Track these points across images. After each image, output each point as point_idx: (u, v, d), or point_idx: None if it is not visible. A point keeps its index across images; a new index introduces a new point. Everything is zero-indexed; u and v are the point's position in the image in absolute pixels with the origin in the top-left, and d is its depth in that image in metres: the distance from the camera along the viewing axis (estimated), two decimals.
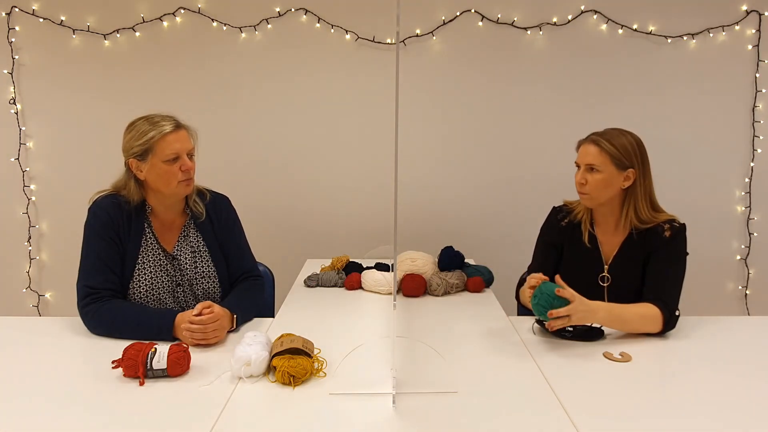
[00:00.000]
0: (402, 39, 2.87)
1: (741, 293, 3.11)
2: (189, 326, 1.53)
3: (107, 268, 1.68)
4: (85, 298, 1.64)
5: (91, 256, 1.69)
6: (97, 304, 1.63)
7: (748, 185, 3.01)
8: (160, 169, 1.67)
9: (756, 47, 2.89)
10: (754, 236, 3.05)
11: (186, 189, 1.73)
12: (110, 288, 1.67)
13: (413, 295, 2.03)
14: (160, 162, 1.66)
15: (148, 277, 1.74)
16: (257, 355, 1.35)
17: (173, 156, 1.66)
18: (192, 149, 1.73)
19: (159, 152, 1.65)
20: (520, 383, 1.34)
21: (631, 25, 2.87)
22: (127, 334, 1.56)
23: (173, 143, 1.66)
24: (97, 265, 1.67)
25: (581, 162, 1.76)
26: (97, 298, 1.64)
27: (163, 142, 1.65)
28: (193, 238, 1.81)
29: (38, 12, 2.85)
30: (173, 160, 1.67)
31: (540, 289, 1.55)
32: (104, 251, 1.68)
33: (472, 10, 2.87)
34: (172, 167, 1.67)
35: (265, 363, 1.37)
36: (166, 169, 1.67)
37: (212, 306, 1.57)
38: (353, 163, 2.99)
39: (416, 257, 2.14)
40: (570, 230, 1.88)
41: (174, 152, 1.66)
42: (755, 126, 2.96)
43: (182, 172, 1.68)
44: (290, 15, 2.87)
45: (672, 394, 1.29)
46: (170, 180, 1.68)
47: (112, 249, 1.70)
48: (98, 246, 1.69)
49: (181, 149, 1.68)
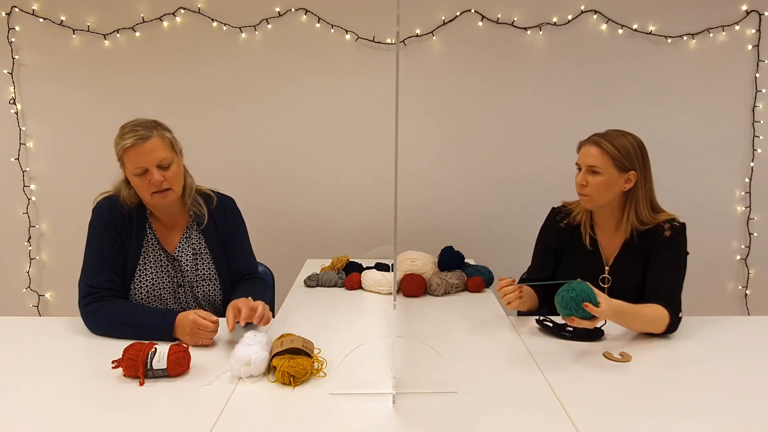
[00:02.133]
0: (402, 39, 2.87)
1: (741, 293, 3.11)
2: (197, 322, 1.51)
3: (109, 268, 1.68)
4: (86, 297, 1.64)
5: (93, 255, 1.69)
6: (98, 303, 1.63)
7: (748, 185, 3.01)
8: (133, 181, 1.67)
9: (756, 47, 2.89)
10: (754, 236, 3.05)
11: (162, 200, 1.67)
12: (112, 288, 1.67)
13: (413, 295, 2.03)
14: (130, 174, 1.65)
15: (150, 278, 1.74)
16: (257, 355, 1.35)
17: (140, 171, 1.62)
18: (165, 159, 1.63)
19: (127, 165, 1.64)
20: (520, 383, 1.34)
21: (631, 25, 2.87)
22: (127, 334, 1.56)
23: (136, 158, 1.60)
24: (99, 265, 1.68)
25: (582, 163, 1.75)
26: (98, 297, 1.64)
27: (127, 155, 1.61)
28: (195, 239, 1.81)
29: (38, 12, 2.85)
30: (142, 174, 1.62)
31: (568, 292, 1.49)
32: (106, 251, 1.69)
33: (472, 10, 2.87)
34: (142, 180, 1.63)
35: (265, 363, 1.37)
36: (137, 182, 1.65)
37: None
38: (353, 163, 2.99)
39: (416, 257, 2.14)
40: (569, 232, 1.88)
41: (138, 166, 1.61)
42: (755, 126, 2.96)
43: (151, 185, 1.63)
44: (290, 15, 2.87)
45: (672, 394, 1.29)
46: (143, 192, 1.66)
47: (115, 249, 1.70)
48: (100, 246, 1.69)
49: (146, 162, 1.60)
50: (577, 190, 1.77)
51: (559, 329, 1.62)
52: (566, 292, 1.49)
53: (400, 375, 1.36)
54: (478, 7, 2.87)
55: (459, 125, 2.97)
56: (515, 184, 3.01)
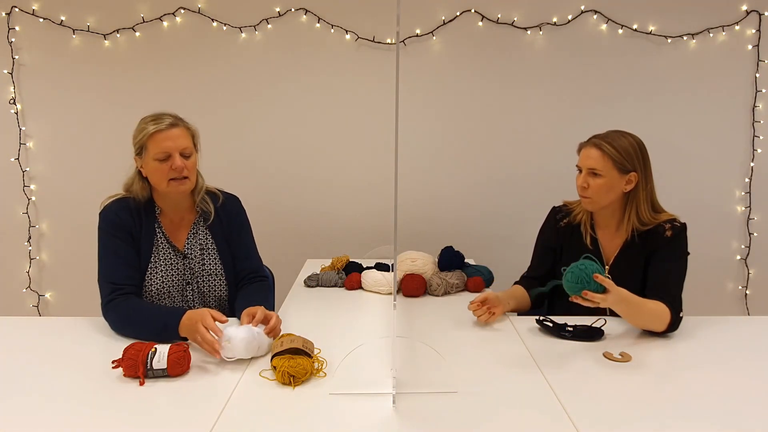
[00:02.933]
0: (402, 39, 2.87)
1: (741, 293, 3.11)
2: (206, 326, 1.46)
3: (127, 264, 1.70)
4: (110, 294, 1.64)
5: (109, 255, 1.70)
6: (120, 299, 1.63)
7: (748, 185, 3.01)
8: (152, 167, 1.69)
9: (756, 47, 2.89)
10: (754, 236, 3.05)
11: (179, 187, 1.70)
12: (132, 283, 1.69)
13: (413, 295, 2.03)
14: (152, 159, 1.67)
15: (160, 276, 1.75)
16: (243, 335, 1.41)
17: (163, 154, 1.66)
18: (187, 148, 1.70)
19: (151, 149, 1.67)
20: (520, 383, 1.34)
21: (631, 25, 2.87)
22: (140, 333, 1.56)
23: (163, 141, 1.66)
24: (118, 263, 1.69)
25: (583, 165, 1.74)
26: (121, 293, 1.64)
27: (153, 139, 1.66)
28: (202, 236, 1.83)
29: (38, 12, 2.85)
30: (164, 159, 1.67)
31: (578, 266, 1.51)
32: (122, 249, 1.70)
33: (472, 10, 2.87)
34: (162, 165, 1.67)
35: (250, 347, 1.41)
36: (157, 167, 1.67)
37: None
38: (353, 162, 2.99)
39: (416, 257, 2.14)
40: (569, 231, 1.88)
41: (163, 150, 1.66)
42: (755, 126, 2.96)
43: (172, 170, 1.67)
44: (290, 15, 2.87)
45: (672, 394, 1.29)
46: (161, 178, 1.69)
47: (129, 247, 1.71)
48: (115, 245, 1.70)
49: (172, 147, 1.66)
50: (577, 192, 1.77)
51: (559, 329, 1.62)
52: (574, 267, 1.51)
53: (400, 375, 1.35)
54: (478, 7, 2.87)
55: (459, 125, 2.97)
56: (515, 184, 3.01)
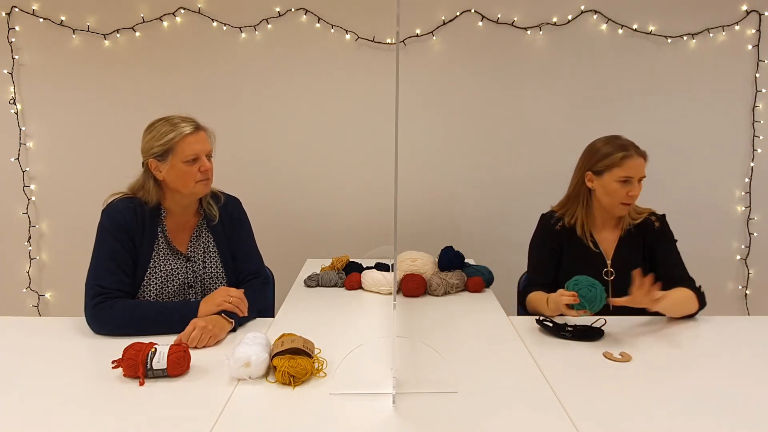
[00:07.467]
0: (402, 39, 2.88)
1: (741, 293, 3.11)
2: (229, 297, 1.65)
3: (120, 270, 1.69)
4: (96, 297, 1.63)
5: (103, 256, 1.69)
6: (109, 302, 1.63)
7: (748, 185, 3.01)
8: (179, 170, 1.70)
9: (756, 47, 2.89)
10: (754, 236, 3.05)
11: (204, 189, 1.76)
12: (122, 290, 1.68)
13: (413, 295, 2.03)
14: (180, 162, 1.69)
15: (160, 279, 1.75)
16: (257, 356, 1.35)
17: (193, 157, 1.70)
18: (210, 151, 1.77)
19: (179, 153, 1.69)
20: (520, 383, 1.34)
21: (631, 25, 2.87)
22: (146, 327, 1.58)
23: (193, 144, 1.70)
24: (110, 266, 1.68)
25: (636, 175, 1.80)
26: (108, 297, 1.64)
27: (184, 143, 1.69)
28: (204, 238, 1.84)
29: (38, 12, 2.85)
30: (193, 161, 1.70)
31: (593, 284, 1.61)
32: (118, 253, 1.69)
33: (472, 10, 2.87)
34: (191, 168, 1.70)
35: (265, 365, 1.36)
36: (186, 170, 1.70)
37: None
38: (353, 163, 2.99)
39: (416, 257, 2.14)
40: (566, 233, 1.94)
41: (194, 153, 1.70)
42: (755, 126, 2.96)
43: (200, 173, 1.72)
44: (290, 15, 2.87)
45: (672, 394, 1.29)
46: (188, 180, 1.72)
47: (126, 251, 1.71)
48: (112, 247, 1.69)
49: (200, 150, 1.72)
50: (619, 201, 1.82)
51: (559, 329, 1.62)
52: (590, 288, 1.61)
53: (400, 375, 1.36)
54: (478, 7, 2.87)
55: (459, 125, 2.97)
56: (515, 184, 3.01)
